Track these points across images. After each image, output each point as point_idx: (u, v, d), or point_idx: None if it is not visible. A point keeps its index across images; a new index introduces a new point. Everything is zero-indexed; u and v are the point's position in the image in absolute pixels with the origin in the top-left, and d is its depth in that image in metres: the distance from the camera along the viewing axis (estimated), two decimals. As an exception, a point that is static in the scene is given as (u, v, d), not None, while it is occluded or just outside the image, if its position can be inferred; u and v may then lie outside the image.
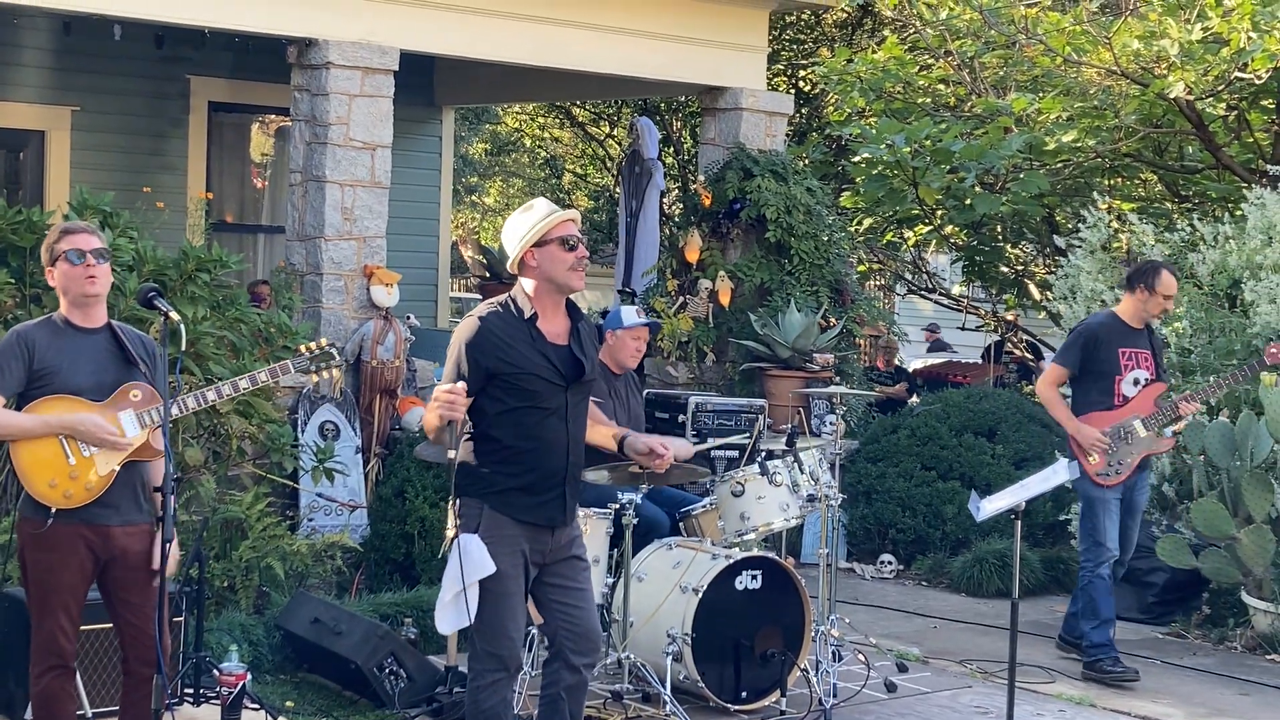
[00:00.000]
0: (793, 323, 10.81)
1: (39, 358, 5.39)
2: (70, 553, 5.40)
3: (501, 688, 5.41)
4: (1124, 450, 8.08)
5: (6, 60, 11.38)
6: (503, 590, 5.33)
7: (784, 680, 7.16)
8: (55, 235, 5.50)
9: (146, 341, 5.71)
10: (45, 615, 5.45)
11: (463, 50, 10.53)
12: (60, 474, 5.39)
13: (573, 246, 5.34)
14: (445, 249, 14.14)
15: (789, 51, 16.95)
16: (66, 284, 5.46)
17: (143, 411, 5.49)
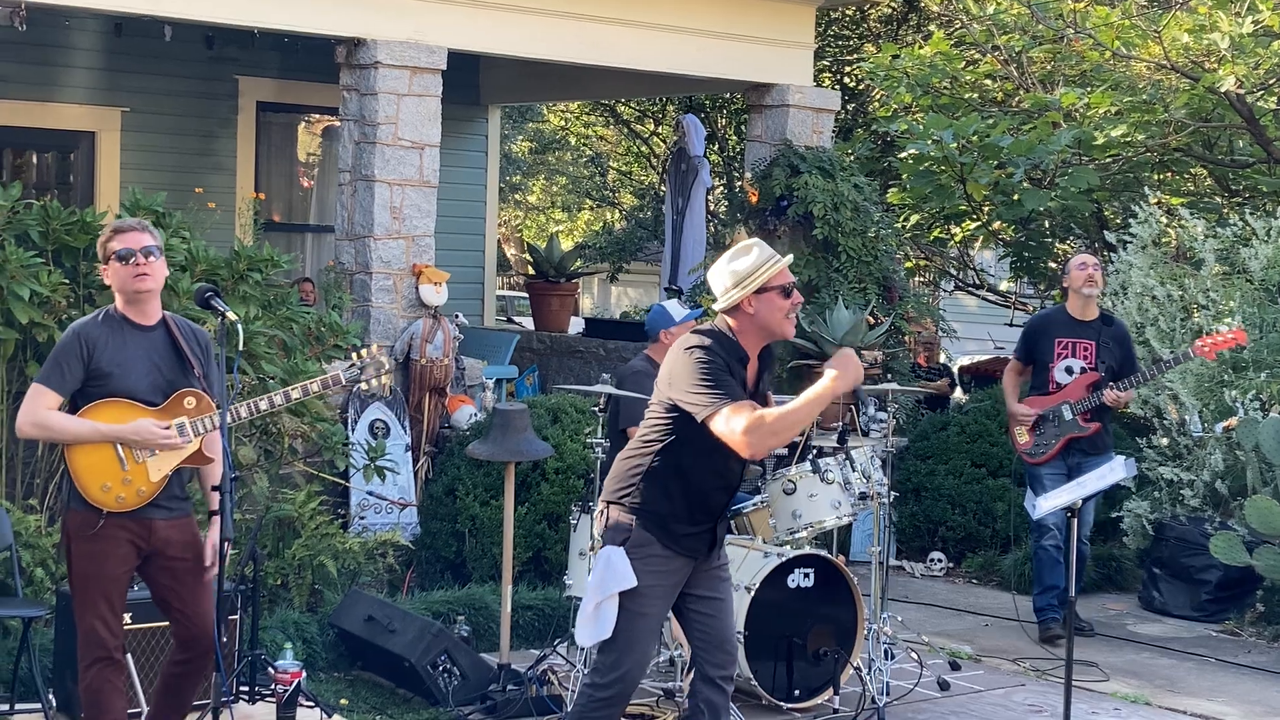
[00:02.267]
0: (840, 320, 10.77)
1: (97, 357, 5.43)
2: (114, 544, 5.47)
3: (613, 705, 5.34)
4: (1051, 431, 8.77)
5: (58, 62, 11.47)
6: (639, 609, 5.28)
7: (837, 678, 7.15)
8: (107, 234, 5.55)
9: (200, 334, 5.74)
10: (87, 606, 5.50)
11: (509, 49, 10.55)
12: (114, 478, 5.45)
13: (789, 293, 5.31)
14: (491, 247, 14.17)
15: (835, 47, 16.90)
16: (119, 282, 5.51)
17: (196, 420, 5.53)
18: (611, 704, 5.35)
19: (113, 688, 5.54)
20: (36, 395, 5.43)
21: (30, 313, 7.64)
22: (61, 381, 5.41)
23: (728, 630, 5.44)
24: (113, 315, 5.54)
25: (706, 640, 5.40)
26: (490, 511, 8.85)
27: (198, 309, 6.39)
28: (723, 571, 5.50)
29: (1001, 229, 13.94)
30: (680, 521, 5.32)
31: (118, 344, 5.47)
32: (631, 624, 5.28)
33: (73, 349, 5.43)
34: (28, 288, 7.64)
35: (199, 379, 5.59)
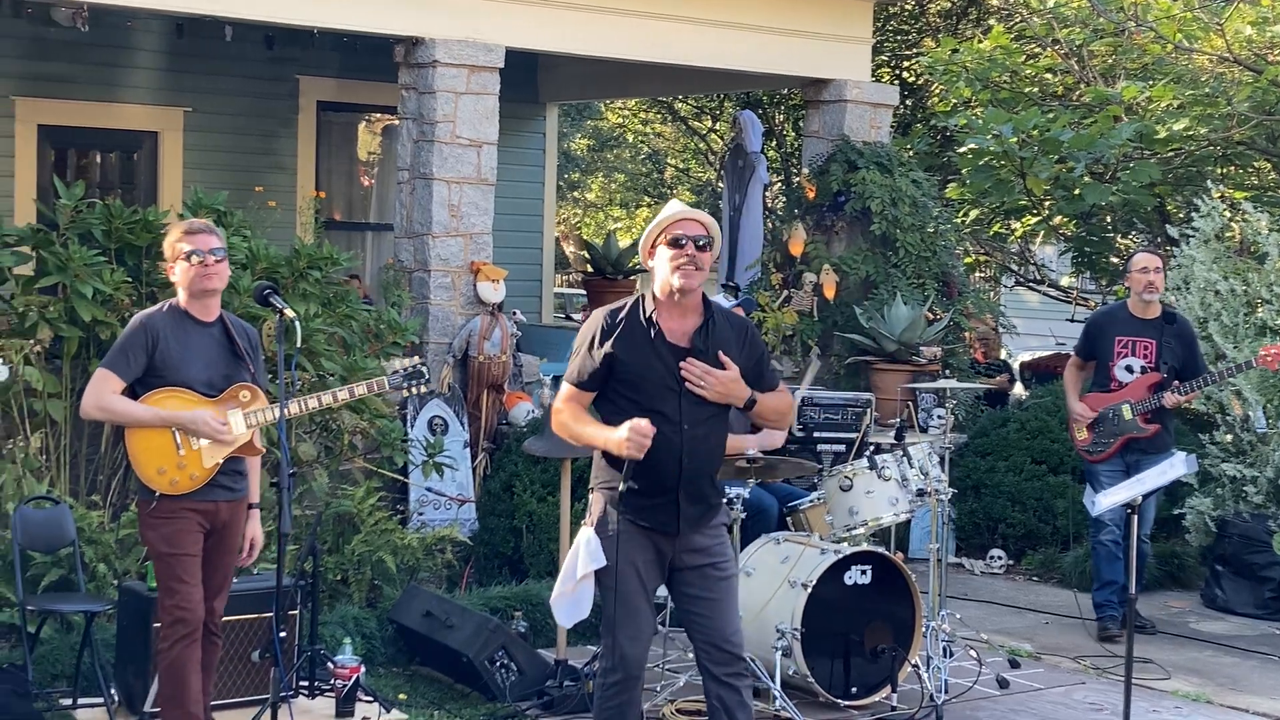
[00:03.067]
0: (899, 316, 10.73)
1: (160, 348, 5.69)
2: (184, 525, 5.72)
3: (621, 690, 5.32)
4: (1109, 429, 8.67)
5: (121, 63, 11.59)
6: (620, 589, 5.29)
7: (895, 676, 7.12)
8: (177, 234, 5.77)
9: (250, 333, 5.99)
10: (169, 581, 5.73)
11: (567, 46, 10.58)
12: (169, 462, 5.69)
13: (679, 243, 5.24)
14: (549, 245, 14.21)
15: (893, 42, 16.83)
16: (187, 280, 5.75)
17: (249, 412, 5.79)
18: (622, 688, 5.32)
19: (193, 665, 5.72)
20: (102, 379, 5.68)
21: (94, 310, 7.73)
22: (126, 368, 5.66)
23: (727, 629, 5.34)
24: (176, 309, 5.80)
25: (707, 641, 5.36)
26: (547, 508, 8.87)
27: (257, 306, 6.46)
28: (717, 570, 5.36)
29: (1062, 224, 13.85)
30: (637, 495, 5.25)
31: (180, 337, 5.73)
32: (615, 605, 5.28)
33: (138, 338, 5.69)
34: (91, 286, 7.73)
35: (251, 374, 5.86)
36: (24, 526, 6.97)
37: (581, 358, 5.33)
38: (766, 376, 5.39)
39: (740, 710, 5.35)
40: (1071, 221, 13.66)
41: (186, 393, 5.71)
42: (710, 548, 5.38)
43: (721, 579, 5.37)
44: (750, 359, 5.33)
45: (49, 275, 7.84)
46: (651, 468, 5.22)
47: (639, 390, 5.24)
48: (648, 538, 5.32)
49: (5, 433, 7.74)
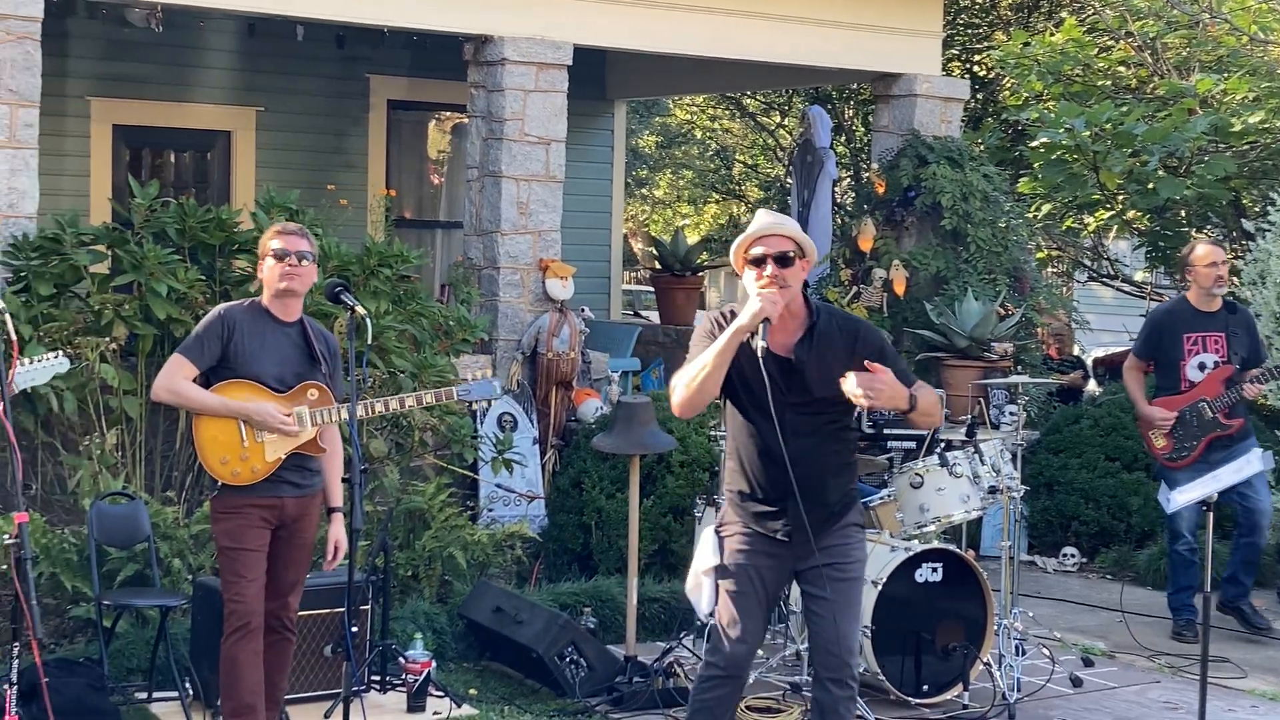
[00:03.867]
0: (970, 311, 10.66)
1: (235, 341, 5.76)
2: (249, 520, 5.76)
3: (719, 685, 5.26)
4: (1191, 432, 8.41)
5: (194, 63, 11.70)
6: (731, 588, 5.26)
7: (966, 674, 7.08)
8: (271, 232, 5.88)
9: (330, 340, 6.03)
10: (232, 575, 5.78)
11: (635, 43, 10.58)
12: (232, 453, 5.76)
13: (759, 262, 5.08)
14: (617, 242, 14.21)
15: (964, 36, 16.71)
16: (270, 277, 5.83)
17: (316, 410, 5.83)
18: (719, 683, 5.28)
19: (249, 656, 5.76)
20: (176, 365, 5.76)
21: (167, 309, 7.81)
22: (200, 355, 5.75)
23: (837, 632, 5.22)
24: (257, 306, 5.89)
25: (814, 641, 5.33)
26: (616, 504, 8.88)
27: (328, 303, 6.50)
28: (838, 571, 5.24)
29: (1136, 218, 13.70)
30: (750, 499, 5.24)
31: (256, 333, 5.80)
32: (726, 602, 5.26)
33: (215, 329, 5.77)
34: (165, 284, 7.82)
35: (324, 376, 5.90)
36: (100, 522, 7.06)
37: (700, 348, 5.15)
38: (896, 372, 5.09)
39: (832, 717, 5.23)
40: (1145, 216, 13.51)
41: (256, 386, 5.78)
42: (833, 548, 5.24)
43: (841, 580, 5.23)
44: (872, 355, 5.10)
45: (124, 274, 7.94)
46: (761, 477, 5.20)
47: (751, 393, 5.14)
48: (767, 543, 5.25)
49: (82, 429, 7.84)
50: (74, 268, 7.93)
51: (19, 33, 8.24)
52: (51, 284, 7.89)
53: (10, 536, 5.06)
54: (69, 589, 7.17)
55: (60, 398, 7.58)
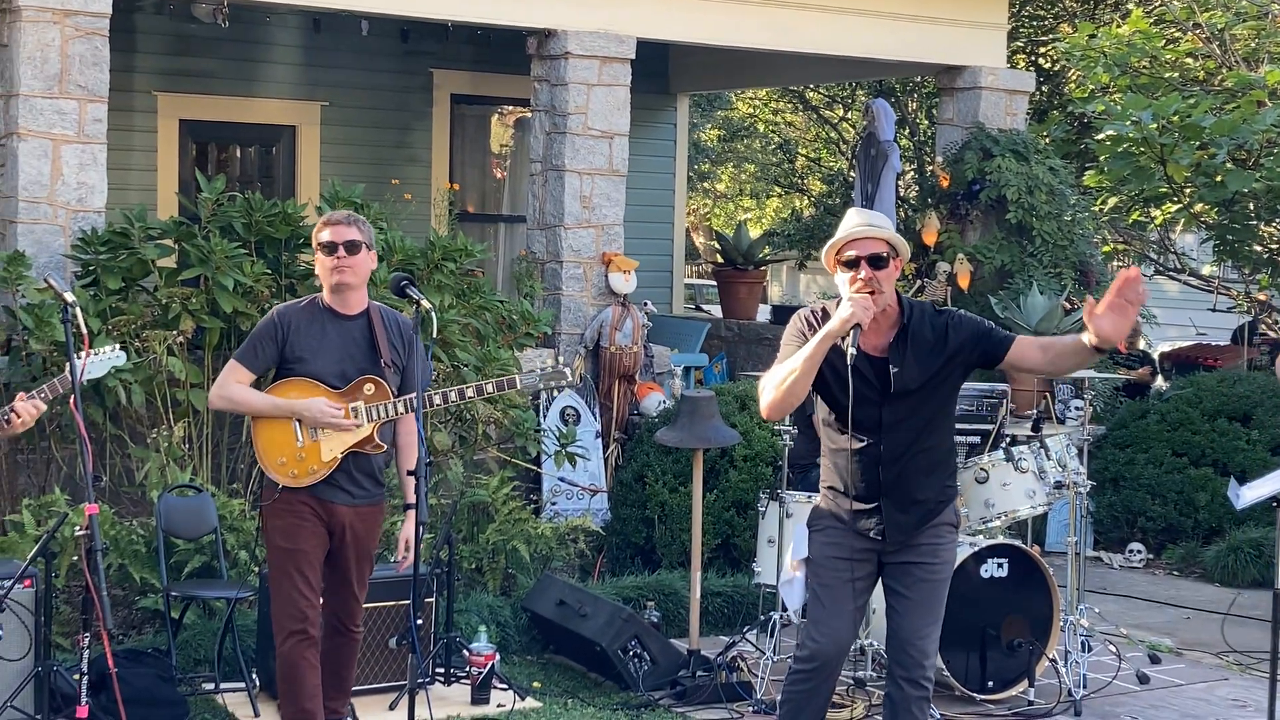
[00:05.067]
0: (1035, 305, 10.58)
1: (292, 341, 5.65)
2: (305, 518, 5.67)
3: (809, 679, 5.24)
4: None
5: (259, 58, 11.78)
6: (818, 581, 5.25)
7: (1032, 670, 7.04)
8: (318, 226, 5.75)
9: (403, 324, 5.84)
10: (283, 578, 5.68)
11: (699, 37, 10.57)
12: (289, 454, 5.67)
13: (852, 265, 5.03)
14: (680, 236, 14.20)
15: (1029, 28, 16.57)
16: (322, 271, 5.73)
17: (372, 406, 5.67)
18: (807, 677, 5.26)
19: (307, 663, 5.69)
20: (230, 370, 5.72)
21: (234, 302, 7.88)
22: (254, 360, 5.70)
23: (912, 632, 5.19)
24: (316, 302, 5.77)
25: (890, 638, 5.29)
26: (679, 498, 8.88)
27: (394, 297, 6.51)
28: (923, 570, 5.20)
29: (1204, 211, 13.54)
30: (842, 496, 5.21)
31: (315, 330, 5.69)
32: (815, 597, 5.26)
33: (270, 331, 5.69)
34: (232, 278, 7.88)
35: (386, 368, 5.71)
36: (168, 514, 7.13)
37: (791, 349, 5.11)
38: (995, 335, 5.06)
39: (905, 715, 5.20)
40: (1213, 209, 13.35)
41: (314, 384, 5.66)
42: (921, 546, 5.20)
43: (925, 580, 5.20)
44: (967, 341, 5.06)
45: (191, 268, 8.01)
46: (854, 475, 5.17)
47: (843, 392, 5.10)
48: (857, 541, 5.22)
49: (149, 422, 7.92)
50: (142, 262, 8.01)
51: (87, 29, 8.33)
52: (120, 278, 7.97)
53: (81, 528, 5.10)
54: (137, 580, 7.24)
55: (128, 391, 7.66)
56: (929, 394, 5.09)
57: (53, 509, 7.31)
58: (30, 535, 7.10)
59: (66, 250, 8.23)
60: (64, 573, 7.04)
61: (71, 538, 6.85)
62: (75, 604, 6.88)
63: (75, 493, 7.58)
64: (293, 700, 5.69)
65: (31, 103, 8.22)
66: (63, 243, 8.26)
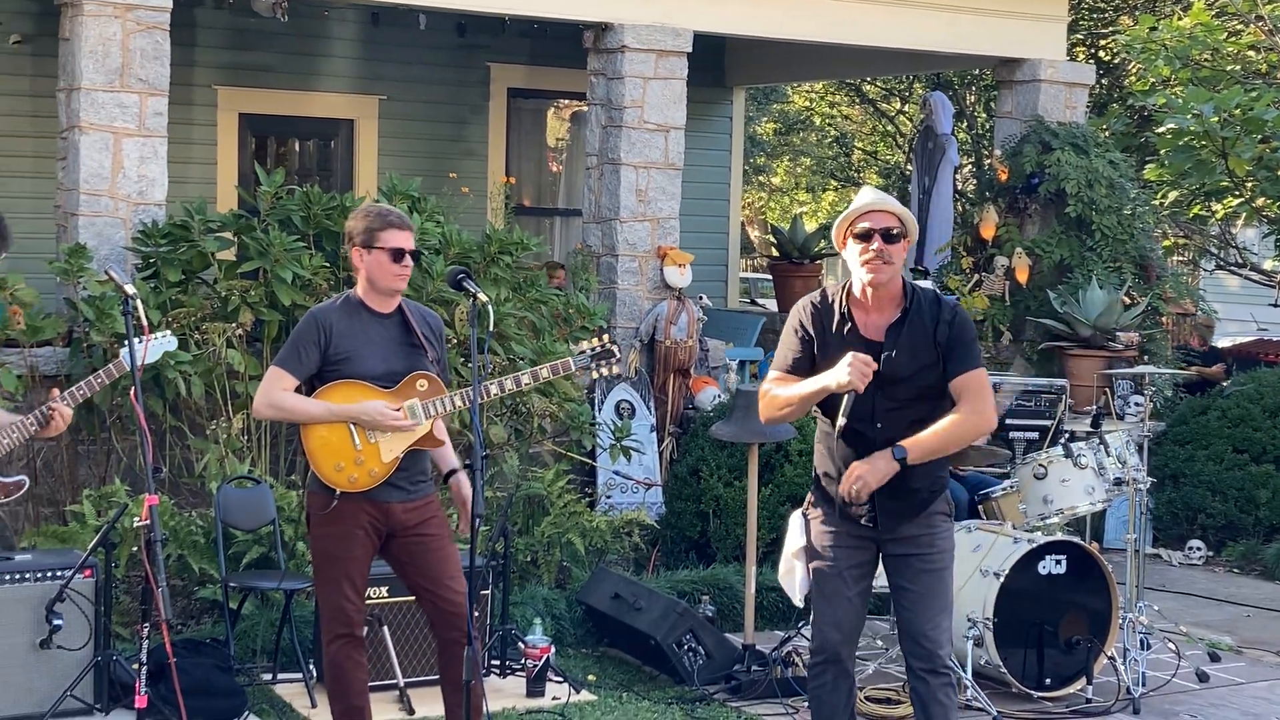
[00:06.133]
0: (1094, 300, 10.50)
1: (334, 342, 5.49)
2: (354, 526, 5.50)
3: (823, 671, 5.28)
4: None
5: (318, 52, 11.85)
6: (821, 571, 5.27)
7: (1090, 668, 6.99)
8: (378, 222, 5.54)
9: (432, 320, 5.78)
10: (330, 585, 5.57)
11: (756, 29, 10.54)
12: (346, 459, 5.48)
13: (866, 237, 5.07)
14: (735, 229, 14.17)
15: (1089, 20, 16.46)
16: (377, 274, 5.53)
17: (428, 401, 5.53)
18: (821, 670, 5.29)
19: (354, 663, 5.63)
20: (274, 378, 5.51)
21: (292, 295, 7.92)
22: (298, 365, 5.49)
23: (923, 623, 5.19)
24: (352, 301, 5.60)
25: (902, 631, 5.29)
26: (734, 492, 8.86)
27: (450, 290, 6.52)
28: (923, 562, 5.20)
29: (1265, 205, 13.40)
30: (835, 482, 5.21)
31: (355, 329, 5.53)
32: (817, 588, 5.29)
33: (310, 334, 5.50)
34: (290, 271, 7.93)
35: (432, 363, 5.62)
36: (226, 505, 7.18)
37: (787, 343, 5.26)
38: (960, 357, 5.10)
39: (934, 706, 5.21)
40: (1275, 203, 13.21)
41: (363, 385, 5.49)
42: (918, 538, 5.21)
43: (926, 571, 5.21)
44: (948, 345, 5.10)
45: (250, 260, 8.06)
46: (846, 462, 5.15)
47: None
48: (848, 527, 5.23)
49: (209, 414, 7.98)
50: (202, 254, 8.07)
51: (148, 23, 8.40)
52: (180, 270, 8.04)
53: (140, 519, 5.14)
54: (196, 571, 7.29)
55: (188, 382, 7.72)
56: (918, 382, 5.12)
57: (113, 500, 7.38)
58: (91, 526, 7.17)
59: (127, 243, 8.31)
60: (124, 563, 7.11)
61: (131, 528, 6.92)
62: (135, 594, 6.94)
63: (135, 484, 7.65)
64: (342, 698, 5.68)
65: (93, 96, 8.29)
66: (123, 235, 8.33)
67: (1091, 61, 15.52)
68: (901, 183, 19.58)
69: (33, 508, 7.80)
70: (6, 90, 10.55)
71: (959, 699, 6.76)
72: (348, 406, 5.45)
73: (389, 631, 6.77)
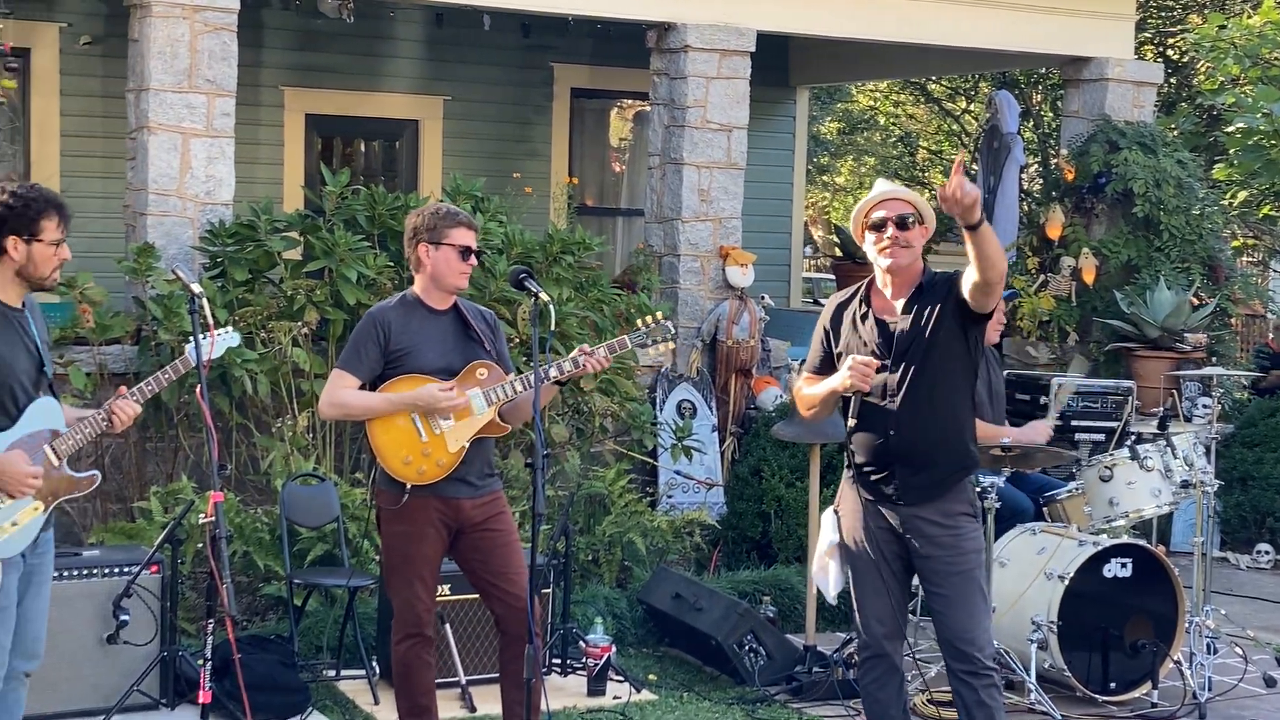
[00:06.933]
0: (1162, 301, 10.40)
1: (394, 339, 5.55)
2: (424, 524, 5.54)
3: (872, 667, 5.31)
4: None
5: (383, 53, 11.91)
6: (855, 566, 5.32)
7: (1155, 672, 6.92)
8: (449, 220, 5.60)
9: (487, 315, 5.84)
10: (401, 585, 5.61)
11: (819, 28, 10.51)
12: (414, 451, 5.52)
13: (879, 226, 5.19)
14: (798, 229, 14.13)
15: (1157, 19, 16.30)
16: (443, 271, 5.59)
17: (489, 389, 5.56)
18: (871, 665, 5.34)
19: (422, 662, 5.68)
20: (336, 379, 5.59)
21: (357, 294, 7.97)
22: (359, 365, 5.56)
23: (959, 627, 5.21)
24: (409, 299, 5.66)
25: (939, 635, 5.31)
26: (795, 493, 8.84)
27: (512, 290, 6.53)
28: (950, 564, 5.21)
29: (1337, 205, 13.25)
30: (864, 465, 5.28)
31: (413, 326, 5.59)
32: (855, 583, 5.34)
33: (370, 334, 5.57)
34: (355, 270, 7.98)
35: (489, 352, 5.67)
36: (291, 502, 7.23)
37: (813, 344, 5.44)
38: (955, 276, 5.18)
39: (977, 709, 5.23)
40: (1347, 203, 13.06)
41: (422, 378, 5.53)
42: (942, 539, 5.23)
43: (954, 574, 5.22)
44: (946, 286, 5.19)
45: (316, 260, 8.12)
46: (867, 440, 5.24)
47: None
48: (878, 513, 5.28)
49: (274, 412, 8.04)
50: (268, 254, 8.14)
51: (216, 24, 8.47)
52: (246, 270, 8.10)
53: (206, 516, 5.18)
54: (261, 567, 7.35)
55: (254, 380, 7.78)
56: (929, 347, 5.16)
57: (180, 496, 7.45)
58: (158, 522, 7.24)
59: (195, 242, 8.39)
60: (190, 559, 7.17)
61: (197, 525, 6.98)
62: (200, 590, 7.00)
63: (202, 480, 7.72)
64: (409, 696, 5.71)
65: (161, 97, 8.38)
66: (191, 235, 8.41)
67: (1160, 60, 15.39)
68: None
69: (101, 504, 7.89)
70: (77, 91, 10.68)
71: (1023, 702, 6.74)
72: (404, 394, 5.51)
73: (451, 629, 6.79)
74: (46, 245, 4.84)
